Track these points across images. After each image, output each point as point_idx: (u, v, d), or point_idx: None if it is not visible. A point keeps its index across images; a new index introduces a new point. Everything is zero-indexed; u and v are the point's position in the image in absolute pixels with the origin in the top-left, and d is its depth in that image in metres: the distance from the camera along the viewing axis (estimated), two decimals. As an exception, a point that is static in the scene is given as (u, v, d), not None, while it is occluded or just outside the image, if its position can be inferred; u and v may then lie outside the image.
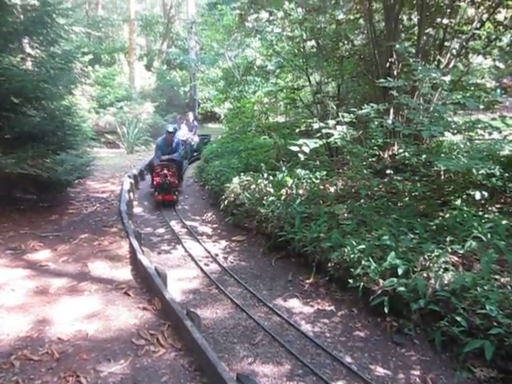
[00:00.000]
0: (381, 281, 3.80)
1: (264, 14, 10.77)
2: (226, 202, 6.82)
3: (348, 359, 3.36)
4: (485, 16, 6.73)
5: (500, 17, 7.04)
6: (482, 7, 6.81)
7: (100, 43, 25.58)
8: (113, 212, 7.27)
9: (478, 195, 4.53)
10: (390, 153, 6.26)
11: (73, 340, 3.49)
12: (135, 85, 20.24)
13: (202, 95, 21.46)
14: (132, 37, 20.79)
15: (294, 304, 4.26)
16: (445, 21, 6.70)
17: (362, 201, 5.45)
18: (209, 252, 5.66)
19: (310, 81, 8.41)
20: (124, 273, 4.85)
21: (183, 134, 12.24)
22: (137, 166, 11.21)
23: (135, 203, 8.18)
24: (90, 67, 19.10)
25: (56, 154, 7.05)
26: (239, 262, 5.38)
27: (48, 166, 6.65)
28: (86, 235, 6.08)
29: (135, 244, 5.23)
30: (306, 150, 4.79)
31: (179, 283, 4.74)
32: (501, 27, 7.09)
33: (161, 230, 6.69)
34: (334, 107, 7.39)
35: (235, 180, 7.03)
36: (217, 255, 5.55)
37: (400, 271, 3.74)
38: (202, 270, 5.13)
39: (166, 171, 8.18)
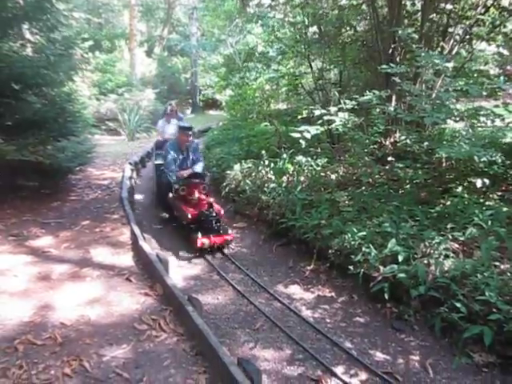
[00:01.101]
0: (381, 267, 3.81)
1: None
2: (227, 189, 6.82)
3: (348, 344, 3.39)
4: (489, 1, 6.64)
5: (505, 2, 6.95)
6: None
7: (100, 29, 25.37)
8: (114, 199, 7.28)
9: (479, 183, 4.52)
10: (392, 140, 6.23)
11: (75, 325, 3.52)
12: (136, 71, 20.12)
13: (204, 82, 21.35)
14: (132, 23, 20.61)
15: (295, 290, 4.29)
16: (448, 6, 6.62)
17: (363, 188, 5.45)
18: (210, 239, 5.66)
19: (311, 67, 8.34)
20: (126, 259, 4.88)
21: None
22: (138, 153, 11.19)
23: (137, 190, 8.18)
24: (91, 53, 18.94)
25: (57, 140, 7.03)
26: (240, 248, 5.40)
27: (49, 152, 6.65)
28: (88, 222, 6.10)
29: (137, 230, 5.25)
30: (308, 136, 4.78)
31: (181, 269, 4.77)
32: (505, 13, 7.01)
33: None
34: (337, 94, 7.34)
35: (236, 167, 7.03)
36: (218, 242, 5.56)
37: (400, 258, 3.75)
38: (203, 256, 5.14)
39: (199, 194, 5.58)
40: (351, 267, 4.04)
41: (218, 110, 21.64)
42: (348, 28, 8.62)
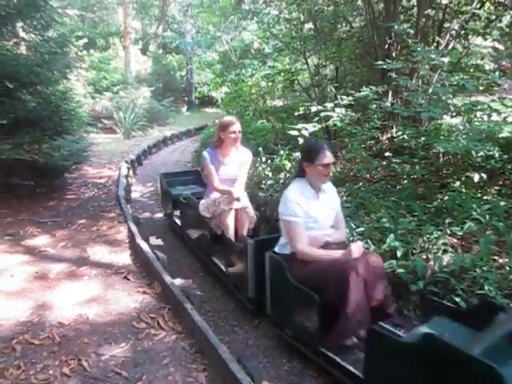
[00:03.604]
0: (380, 263, 3.80)
1: (261, -4, 10.64)
2: (223, 186, 6.79)
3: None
4: (486, -4, 6.64)
5: (501, -3, 6.96)
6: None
7: (94, 27, 25.25)
8: (111, 197, 7.24)
9: (476, 177, 4.53)
10: (389, 135, 6.23)
11: (73, 324, 3.50)
12: (131, 69, 20.03)
13: (199, 79, 21.30)
14: (127, 20, 20.50)
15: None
16: (444, 1, 6.62)
17: (361, 184, 5.44)
18: (208, 236, 5.65)
19: (307, 64, 8.32)
20: (123, 257, 4.85)
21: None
22: (134, 152, 11.15)
23: (133, 188, 8.15)
24: (85, 51, 18.88)
25: (52, 139, 6.98)
26: (238, 245, 5.38)
27: (44, 151, 6.60)
28: (85, 220, 6.07)
29: (134, 229, 5.22)
30: (306, 133, 4.76)
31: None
32: (501, 7, 7.02)
33: (159, 215, 6.67)
34: (333, 90, 7.32)
35: (233, 164, 6.99)
36: (216, 239, 5.54)
37: (399, 253, 3.74)
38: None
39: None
40: (350, 263, 4.03)
41: (214, 107, 21.61)
42: (344, 24, 8.61)
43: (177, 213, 5.56)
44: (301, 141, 4.88)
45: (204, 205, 4.31)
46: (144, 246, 4.66)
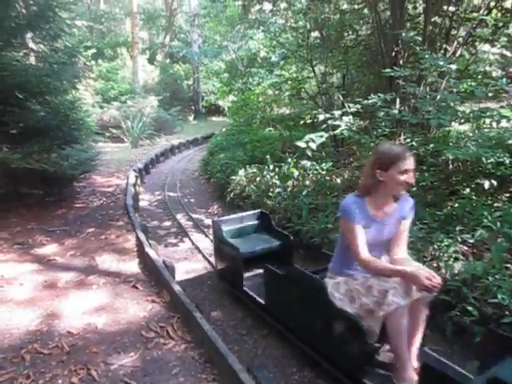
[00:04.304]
0: (390, 271, 3.76)
1: (267, 5, 10.70)
2: (231, 194, 6.80)
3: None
4: (492, 3, 6.63)
5: (507, 4, 6.94)
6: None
7: (102, 37, 25.54)
8: (119, 206, 7.27)
9: (487, 184, 4.48)
10: (397, 143, 6.19)
11: (82, 333, 3.49)
12: (138, 79, 20.22)
13: (206, 88, 21.42)
14: (134, 30, 20.73)
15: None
16: (451, 8, 6.60)
17: (370, 191, 5.40)
18: (216, 244, 5.63)
19: (314, 72, 8.35)
20: (132, 266, 4.85)
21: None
22: (142, 160, 11.21)
23: (141, 197, 8.18)
24: (93, 61, 19.10)
25: (61, 148, 7.05)
26: (246, 254, 5.36)
27: (53, 160, 6.65)
28: (93, 229, 6.08)
29: (142, 237, 5.22)
30: (313, 146, 4.75)
31: (187, 276, 4.74)
32: (508, 14, 6.99)
33: (167, 223, 6.68)
34: (340, 97, 7.32)
35: (241, 172, 7.02)
36: (224, 248, 5.52)
37: (409, 261, 3.70)
38: (209, 262, 5.11)
39: None
40: (360, 271, 3.99)
41: (220, 116, 21.70)
42: (350, 32, 8.63)
43: (250, 279, 3.99)
44: (309, 153, 4.86)
45: (340, 289, 2.73)
46: (152, 254, 4.65)
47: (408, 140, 5.51)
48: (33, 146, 6.44)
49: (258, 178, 6.57)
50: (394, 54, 6.57)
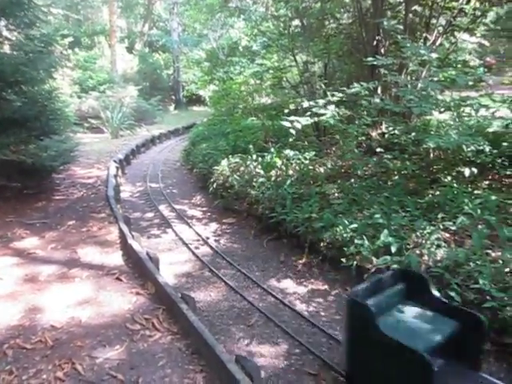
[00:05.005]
0: (374, 259, 3.81)
1: (248, -7, 10.59)
2: (214, 184, 6.76)
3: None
4: (471, -8, 6.68)
5: (486, -7, 7.00)
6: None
7: (79, 26, 24.90)
8: (100, 197, 7.15)
9: (467, 172, 4.56)
10: (379, 131, 6.24)
11: (66, 327, 3.44)
12: (117, 68, 19.84)
13: (186, 78, 21.16)
14: (112, 19, 20.29)
15: (288, 284, 4.26)
16: (431, -3, 6.64)
17: (353, 180, 5.45)
18: (199, 235, 5.61)
19: (296, 61, 8.30)
20: (115, 258, 4.79)
21: None
22: (122, 151, 11.04)
23: (122, 188, 8.07)
24: (70, 50, 18.64)
25: (39, 139, 6.86)
26: (231, 244, 5.35)
27: (31, 151, 6.48)
28: (74, 221, 5.98)
29: (125, 229, 5.16)
30: (298, 126, 4.75)
31: (171, 267, 4.70)
32: (486, 3, 7.07)
33: (150, 215, 6.61)
34: (323, 86, 7.32)
35: (223, 162, 6.97)
36: (208, 238, 5.51)
37: (393, 249, 3.75)
38: (193, 253, 5.08)
39: None
40: (344, 260, 4.03)
41: (201, 105, 21.50)
42: (331, 21, 8.59)
43: None
44: (293, 132, 4.86)
45: None
46: (136, 246, 4.60)
47: (390, 129, 5.56)
48: (9, 136, 6.26)
49: (241, 168, 6.54)
50: (375, 42, 6.58)
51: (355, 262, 3.92)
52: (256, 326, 3.56)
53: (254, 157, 6.73)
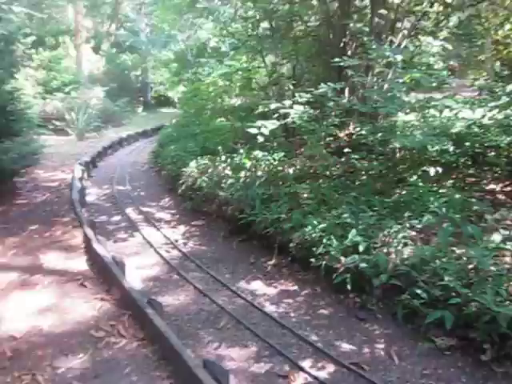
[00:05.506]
0: (343, 258, 3.81)
1: (216, -6, 10.53)
2: (183, 186, 6.68)
3: (314, 337, 3.36)
4: (434, -3, 6.85)
5: (448, -2, 7.20)
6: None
7: (43, 25, 24.17)
8: (64, 201, 6.95)
9: (432, 171, 4.66)
10: (347, 132, 6.30)
11: (26, 337, 3.30)
12: (83, 69, 19.37)
13: (155, 79, 20.88)
14: (78, 18, 19.83)
15: (258, 286, 4.23)
16: (396, 1, 6.76)
17: (321, 180, 5.47)
18: (168, 238, 5.52)
19: (264, 62, 8.30)
20: (79, 263, 4.64)
21: None
22: (88, 153, 10.77)
23: (88, 191, 7.86)
24: (33, 50, 18.07)
25: (0, 141, 6.61)
26: (200, 246, 5.29)
27: (-9, 154, 6.23)
28: (37, 226, 5.77)
29: (89, 233, 5.01)
30: (265, 131, 4.73)
31: (138, 271, 4.59)
32: (449, 8, 7.26)
33: (116, 218, 6.46)
34: (291, 87, 7.34)
35: (192, 164, 6.89)
36: (176, 241, 5.43)
37: (361, 248, 3.78)
38: (161, 256, 4.99)
39: None
40: (313, 260, 4.03)
41: (170, 107, 21.24)
42: (300, 22, 8.65)
43: None
44: (260, 139, 4.84)
45: None
46: (101, 250, 4.47)
47: (358, 129, 5.61)
48: (-33, 139, 6.01)
49: (210, 170, 6.47)
50: (342, 44, 6.65)
51: (324, 262, 3.92)
52: (225, 329, 3.51)
53: (223, 158, 6.68)
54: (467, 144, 5.28)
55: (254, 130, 4.85)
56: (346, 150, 5.61)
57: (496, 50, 10.04)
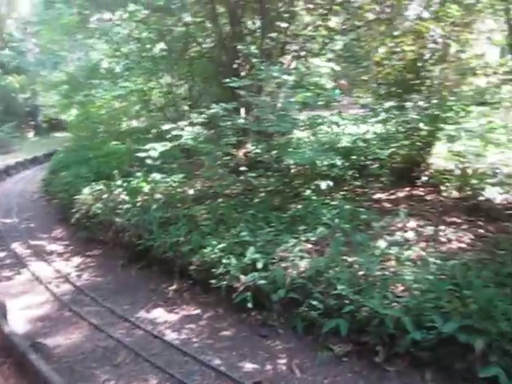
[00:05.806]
0: (242, 277, 3.80)
1: (107, 15, 10.20)
2: (77, 215, 6.25)
3: (217, 361, 3.28)
4: (318, 22, 7.31)
5: (332, 23, 7.74)
6: (315, 13, 7.40)
7: None
8: None
9: (323, 185, 4.88)
10: (244, 151, 6.39)
11: None
12: (-40, 92, 17.58)
13: (45, 101, 19.60)
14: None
15: (159, 314, 4.06)
16: (284, 25, 7.11)
17: (221, 200, 5.47)
18: (60, 272, 5.13)
19: (160, 83, 8.19)
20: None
21: None
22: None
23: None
24: None
25: None
26: (96, 278, 4.98)
27: None
28: None
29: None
30: (154, 154, 4.63)
31: (24, 312, 4.16)
32: (333, 32, 7.81)
33: (0, 255, 5.84)
34: (187, 108, 7.31)
35: (86, 190, 6.50)
36: (69, 274, 5.06)
37: (260, 265, 3.80)
38: (52, 293, 4.59)
39: None
40: (214, 281, 3.96)
41: (64, 131, 20.02)
42: (194, 44, 8.70)
43: None
44: (150, 162, 4.72)
45: None
46: (-23, 292, 3.98)
47: (253, 148, 5.72)
48: None
49: (105, 195, 6.14)
50: (236, 65, 6.79)
51: (225, 282, 3.87)
52: (123, 365, 3.30)
53: (119, 182, 6.39)
54: (353, 157, 5.64)
55: (143, 154, 4.72)
56: (244, 168, 5.68)
57: (377, 71, 10.99)
